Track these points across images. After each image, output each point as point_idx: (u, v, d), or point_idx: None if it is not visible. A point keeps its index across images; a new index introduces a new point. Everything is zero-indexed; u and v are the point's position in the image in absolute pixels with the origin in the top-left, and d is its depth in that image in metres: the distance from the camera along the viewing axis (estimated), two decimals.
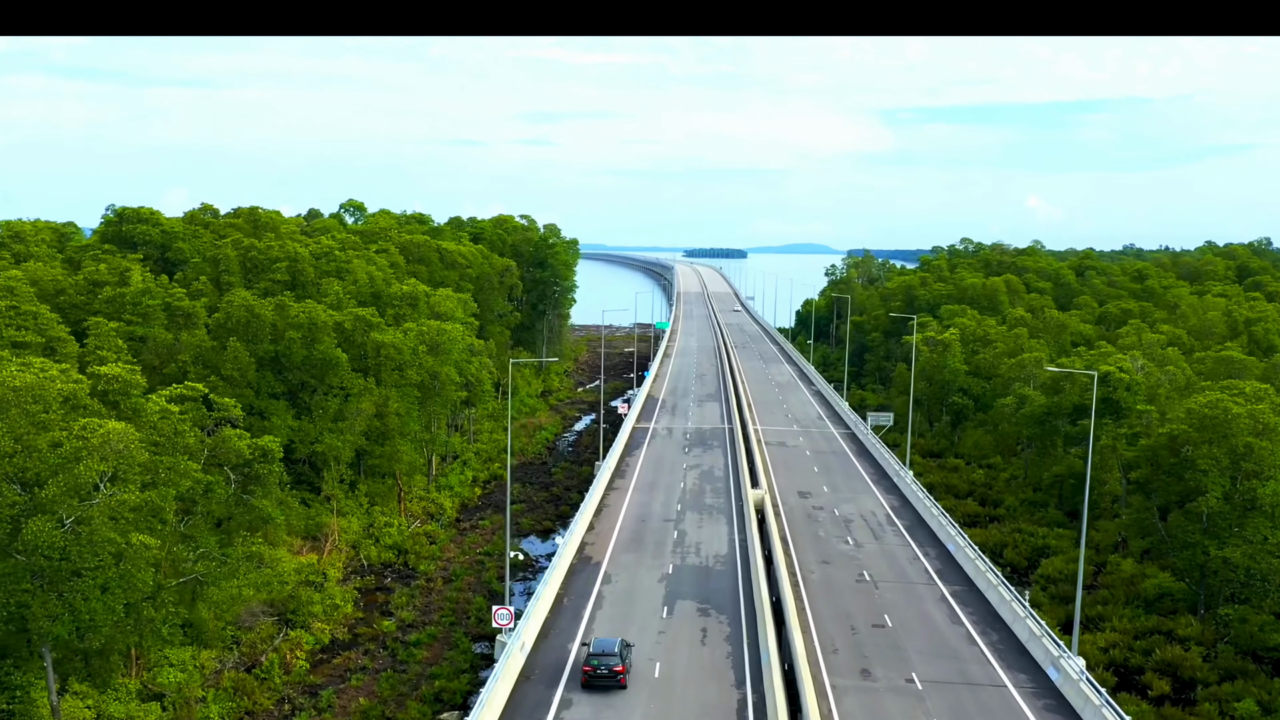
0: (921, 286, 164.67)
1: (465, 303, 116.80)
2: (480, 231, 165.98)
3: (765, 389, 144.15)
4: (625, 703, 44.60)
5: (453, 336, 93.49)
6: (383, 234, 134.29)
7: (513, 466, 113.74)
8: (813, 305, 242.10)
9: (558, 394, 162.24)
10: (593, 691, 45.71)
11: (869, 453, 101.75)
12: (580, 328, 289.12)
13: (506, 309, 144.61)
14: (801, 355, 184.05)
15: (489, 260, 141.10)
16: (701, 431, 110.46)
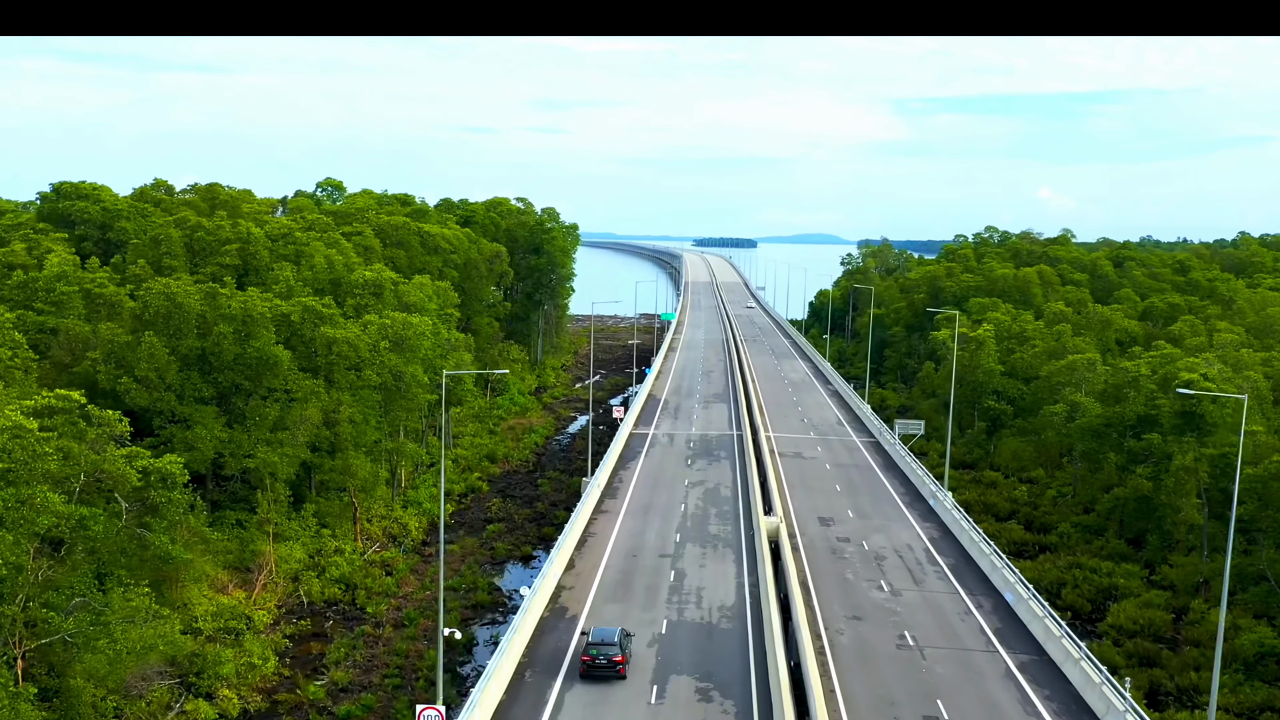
0: (948, 278, 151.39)
1: (444, 292, 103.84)
2: (471, 215, 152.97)
3: (778, 388, 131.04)
4: None
5: (420, 331, 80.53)
6: (359, 215, 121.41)
7: (495, 476, 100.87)
8: (827, 296, 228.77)
9: (553, 390, 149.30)
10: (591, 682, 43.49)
11: (897, 467, 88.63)
12: (582, 318, 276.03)
13: (495, 298, 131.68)
14: (816, 350, 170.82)
15: (477, 245, 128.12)
16: (707, 439, 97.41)
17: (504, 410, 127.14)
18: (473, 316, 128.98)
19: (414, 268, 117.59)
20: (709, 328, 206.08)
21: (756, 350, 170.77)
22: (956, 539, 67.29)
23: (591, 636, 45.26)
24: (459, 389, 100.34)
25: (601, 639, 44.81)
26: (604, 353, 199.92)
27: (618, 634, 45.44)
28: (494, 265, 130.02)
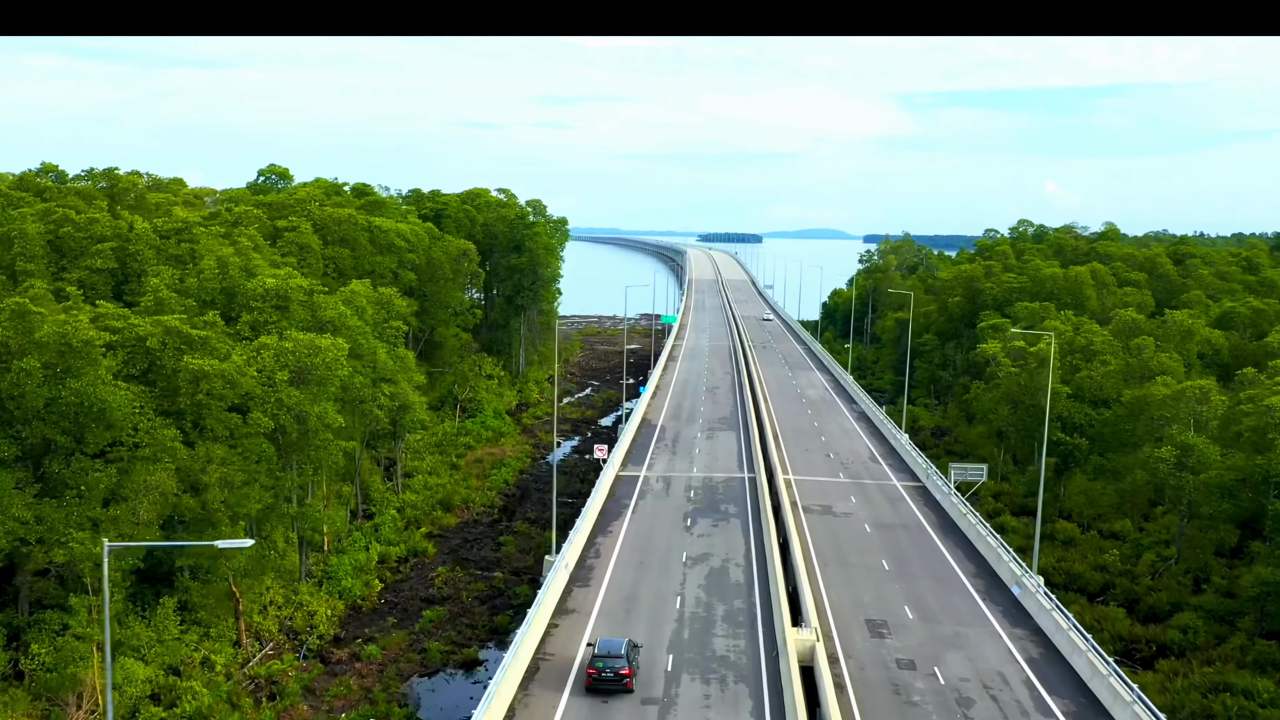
0: (986, 278, 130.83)
1: (388, 300, 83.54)
2: (443, 208, 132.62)
3: (795, 409, 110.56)
4: None
5: (334, 358, 60.14)
6: (298, 207, 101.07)
7: (449, 530, 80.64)
8: (842, 298, 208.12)
9: (535, 409, 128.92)
10: None
11: (956, 528, 68.10)
12: (578, 319, 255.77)
13: (464, 305, 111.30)
14: (834, 358, 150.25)
15: (441, 243, 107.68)
16: (712, 487, 76.94)
17: (473, 436, 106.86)
18: (436, 327, 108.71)
19: (361, 270, 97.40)
20: (714, 332, 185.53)
21: (767, 359, 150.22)
22: (1066, 660, 46.79)
23: (598, 648, 42.63)
24: (406, 419, 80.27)
25: (608, 650, 42.17)
26: (598, 360, 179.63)
27: (625, 645, 42.77)
28: (461, 265, 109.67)
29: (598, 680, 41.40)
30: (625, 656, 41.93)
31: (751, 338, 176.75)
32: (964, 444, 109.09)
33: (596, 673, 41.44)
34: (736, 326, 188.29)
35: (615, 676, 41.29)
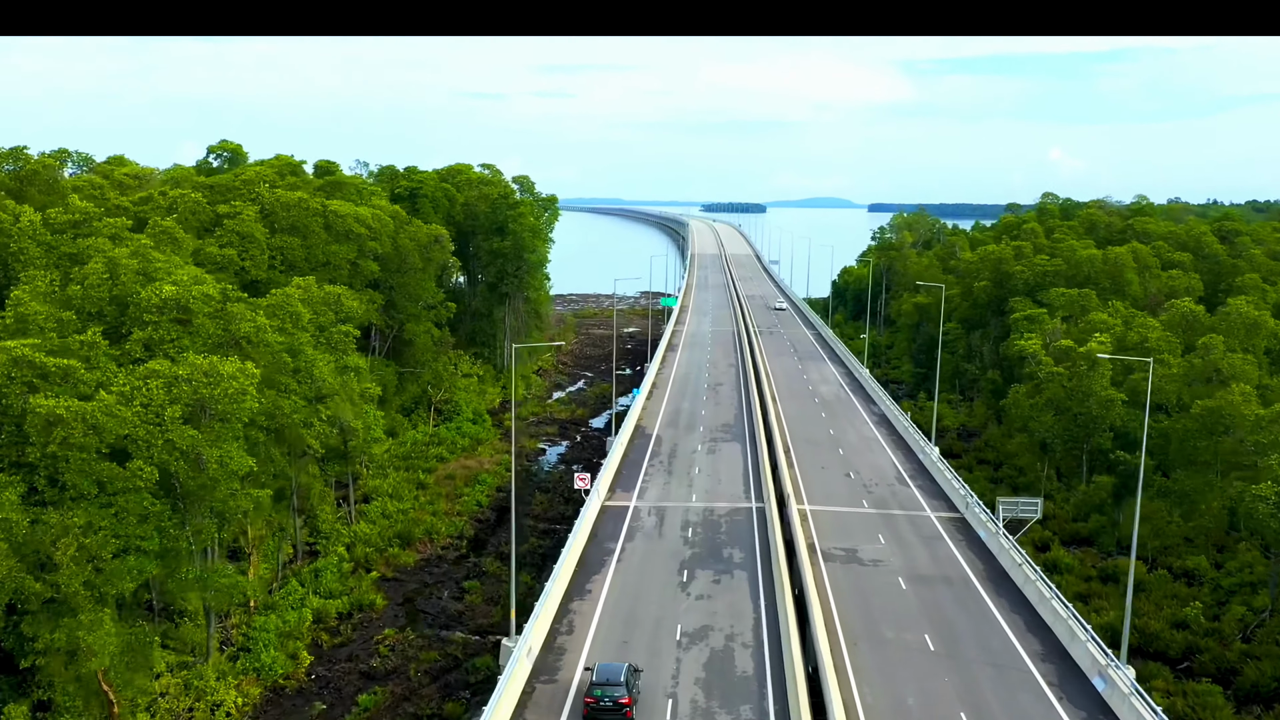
0: (1016, 260, 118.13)
1: (335, 300, 71.30)
2: (419, 186, 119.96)
3: (807, 411, 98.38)
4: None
5: (240, 388, 47.91)
6: (244, 189, 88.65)
7: (406, 571, 68.75)
8: (852, 276, 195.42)
9: (522, 407, 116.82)
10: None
11: (1009, 579, 55.96)
12: (575, 298, 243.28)
13: (437, 297, 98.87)
14: (845, 345, 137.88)
15: (409, 228, 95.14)
16: (713, 522, 64.80)
17: (447, 445, 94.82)
18: (406, 323, 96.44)
19: (315, 261, 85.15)
20: (717, 315, 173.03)
21: (774, 347, 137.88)
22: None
23: (595, 674, 39.55)
24: (355, 444, 68.48)
25: (606, 678, 39.05)
26: (594, 346, 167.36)
27: (625, 671, 39.61)
28: (431, 253, 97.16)
29: (596, 710, 38.53)
30: (625, 684, 39.02)
31: (757, 322, 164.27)
32: (995, 450, 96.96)
33: (595, 702, 38.56)
34: (741, 309, 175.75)
35: (614, 706, 38.44)
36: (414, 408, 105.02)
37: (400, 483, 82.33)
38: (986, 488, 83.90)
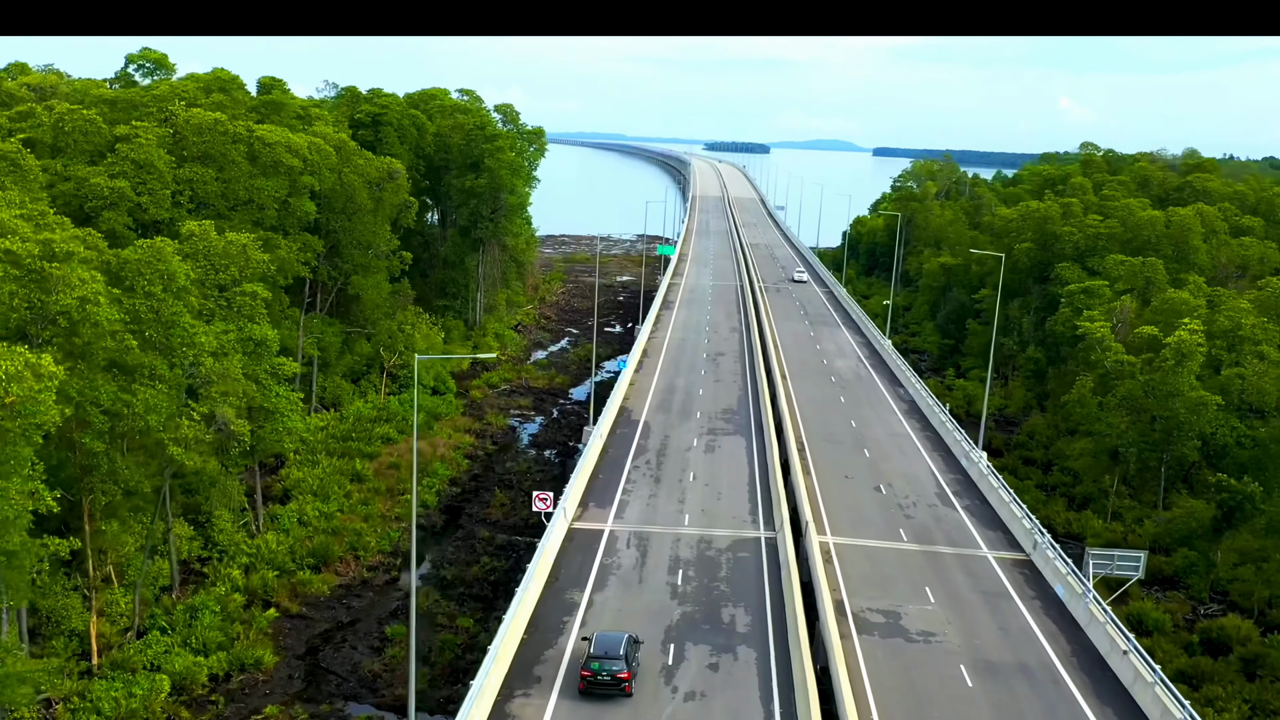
0: (1064, 219, 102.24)
1: (239, 254, 55.63)
2: (382, 112, 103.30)
3: (823, 394, 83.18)
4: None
5: (29, 396, 32.44)
6: (152, 107, 72.45)
7: (315, 604, 53.94)
8: (865, 227, 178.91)
9: (493, 373, 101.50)
10: None
11: (1108, 671, 41.04)
12: (569, 240, 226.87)
13: (390, 244, 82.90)
14: (861, 309, 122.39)
15: (357, 161, 78.88)
16: (710, 561, 49.70)
17: (397, 423, 79.62)
18: (352, 275, 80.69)
19: (234, 198, 69.27)
20: (718, 267, 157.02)
21: (782, 308, 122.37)
22: None
23: (593, 646, 36.72)
24: (269, 435, 53.54)
25: (605, 650, 36.24)
26: (583, 297, 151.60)
27: (624, 642, 36.76)
28: (383, 192, 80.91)
29: (592, 684, 35.93)
30: (624, 657, 36.29)
31: (763, 276, 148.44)
32: (1039, 444, 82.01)
33: (591, 675, 35.95)
34: (746, 260, 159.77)
35: (613, 680, 35.83)
36: (366, 371, 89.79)
37: (331, 474, 67.24)
38: (1037, 498, 69.20)
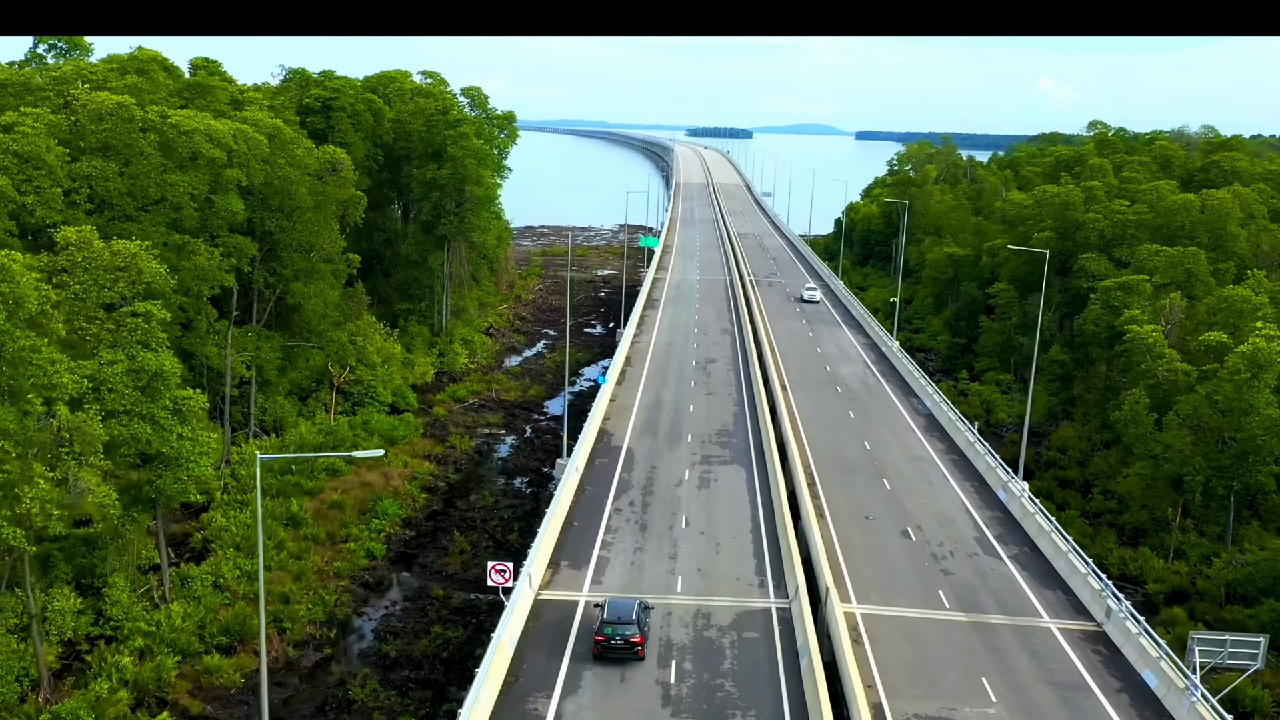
0: (1086, 205, 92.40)
1: (128, 264, 45.22)
2: (334, 97, 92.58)
3: (828, 406, 73.20)
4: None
5: None
6: (51, 91, 61.75)
7: (234, 690, 43.73)
8: (860, 214, 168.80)
9: (460, 385, 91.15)
10: None
11: None
12: (549, 231, 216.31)
13: (336, 247, 72.29)
14: (861, 304, 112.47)
15: (292, 151, 68.21)
16: (710, 641, 39.48)
17: (347, 449, 69.21)
18: (292, 282, 70.13)
19: (143, 196, 58.73)
20: (705, 259, 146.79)
21: (776, 305, 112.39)
22: None
23: (606, 611, 37.68)
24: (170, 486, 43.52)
25: (617, 615, 37.26)
26: (562, 294, 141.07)
27: (635, 608, 37.70)
28: (327, 187, 70.24)
29: (606, 648, 36.59)
30: (637, 622, 36.89)
31: (753, 268, 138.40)
32: (1072, 459, 72.22)
33: (605, 640, 36.54)
34: (734, 250, 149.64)
35: (625, 644, 36.45)
36: (316, 387, 79.38)
37: (241, 530, 56.76)
38: (1083, 531, 59.45)
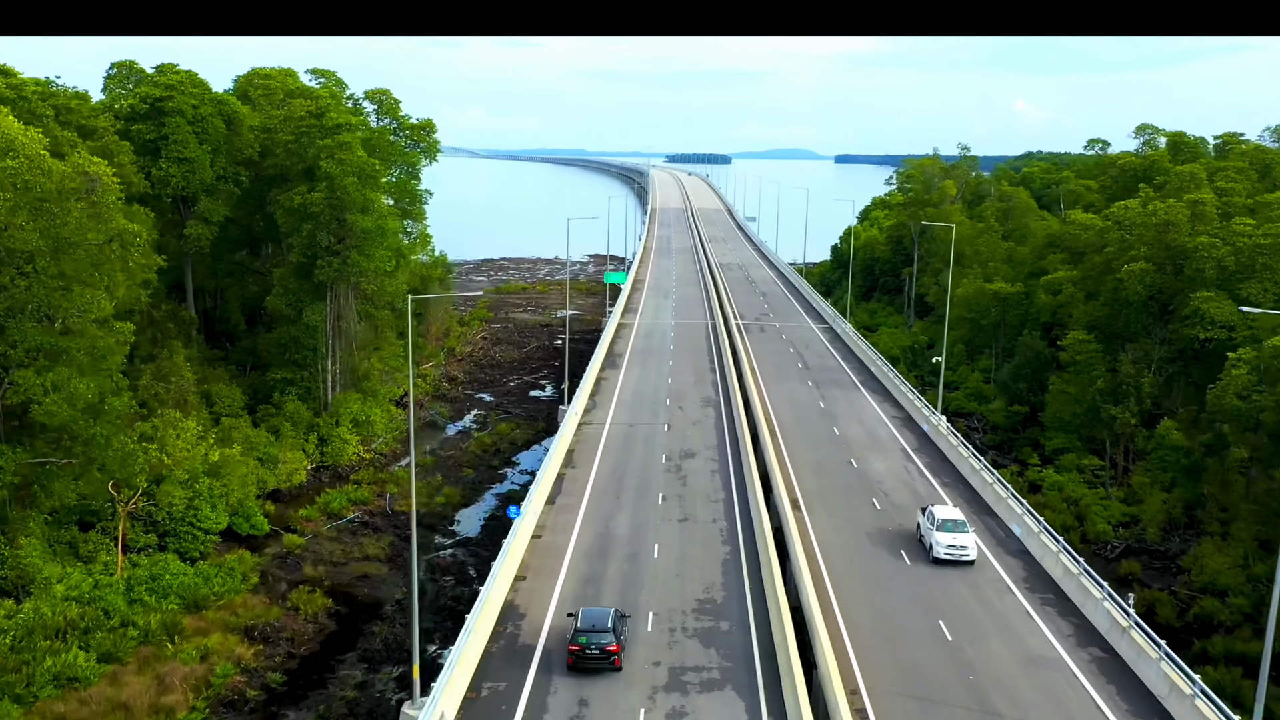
0: (1193, 228, 67.00)
1: None
2: (166, 97, 66.53)
3: (866, 545, 46.97)
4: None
5: None
6: None
7: None
8: (860, 242, 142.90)
9: (345, 489, 64.51)
10: None
11: None
12: (509, 264, 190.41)
13: (102, 311, 45.84)
14: (868, 344, 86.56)
15: (10, 167, 42.08)
16: None
17: (112, 632, 42.59)
18: (16, 368, 43.60)
19: None
20: (683, 296, 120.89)
21: (773, 358, 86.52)
22: None
23: (580, 620, 35.30)
24: None
25: (592, 624, 34.94)
26: (512, 341, 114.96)
27: (611, 616, 35.35)
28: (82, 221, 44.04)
29: (581, 658, 34.37)
30: (613, 630, 34.65)
31: (738, 307, 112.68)
32: (1231, 613, 46.20)
33: (579, 649, 34.40)
34: (717, 286, 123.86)
35: (601, 654, 34.24)
36: (108, 511, 52.75)
37: None
38: None
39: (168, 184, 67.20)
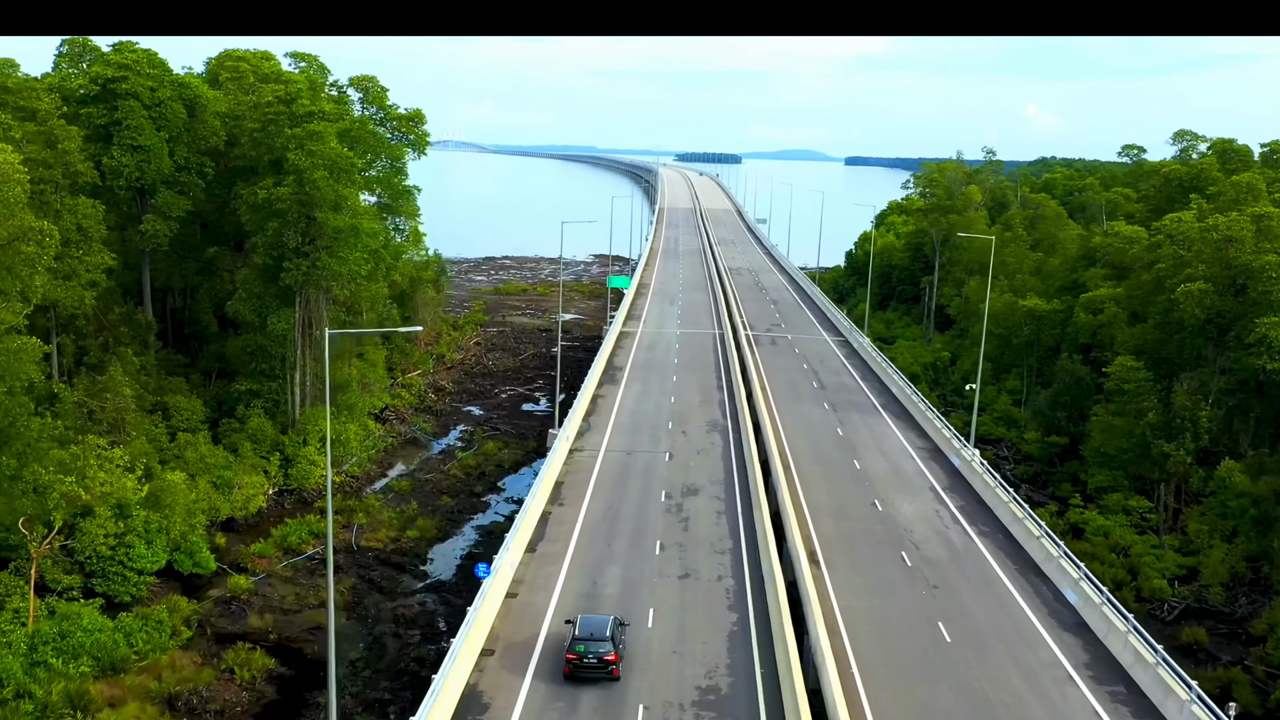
0: (1258, 244, 59.87)
1: None
2: (119, 78, 59.76)
3: (896, 608, 39.90)
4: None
5: None
6: None
7: None
8: (878, 246, 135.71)
9: (307, 522, 57.59)
10: None
11: None
12: (511, 263, 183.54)
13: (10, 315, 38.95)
14: (896, 371, 79.53)
15: None
16: None
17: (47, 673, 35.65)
18: None
19: None
20: (689, 302, 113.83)
21: (785, 376, 79.52)
22: None
23: (578, 628, 34.20)
24: None
25: (590, 632, 33.87)
26: (509, 346, 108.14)
27: (610, 624, 34.30)
28: None
29: (578, 667, 33.21)
30: (611, 639, 33.58)
31: (748, 316, 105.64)
32: None
33: (577, 658, 33.29)
34: (726, 292, 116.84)
35: (599, 663, 33.14)
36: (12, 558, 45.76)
37: None
38: None
39: (120, 175, 60.38)
